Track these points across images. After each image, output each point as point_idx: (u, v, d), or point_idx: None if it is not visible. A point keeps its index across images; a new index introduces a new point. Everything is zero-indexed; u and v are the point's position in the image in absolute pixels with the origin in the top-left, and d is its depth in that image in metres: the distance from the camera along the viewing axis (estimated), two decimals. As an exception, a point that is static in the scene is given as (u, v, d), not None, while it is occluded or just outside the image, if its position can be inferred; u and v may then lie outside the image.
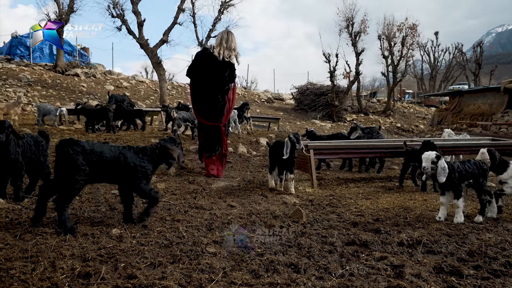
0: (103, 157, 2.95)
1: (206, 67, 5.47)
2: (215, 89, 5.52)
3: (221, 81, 5.50)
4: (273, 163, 4.93)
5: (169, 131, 9.14)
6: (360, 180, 5.81)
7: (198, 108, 5.69)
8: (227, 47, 5.42)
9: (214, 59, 5.41)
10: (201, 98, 5.62)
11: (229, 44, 5.42)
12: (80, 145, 2.92)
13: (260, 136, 9.77)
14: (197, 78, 5.61)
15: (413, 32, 28.07)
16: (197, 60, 5.59)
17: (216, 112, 5.59)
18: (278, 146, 4.87)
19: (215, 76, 5.46)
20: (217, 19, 20.41)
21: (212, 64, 5.43)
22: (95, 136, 7.97)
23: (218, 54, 5.39)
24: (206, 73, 5.48)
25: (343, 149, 5.38)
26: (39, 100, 16.46)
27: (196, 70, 5.57)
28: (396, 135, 22.85)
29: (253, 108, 23.76)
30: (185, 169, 5.79)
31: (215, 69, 5.44)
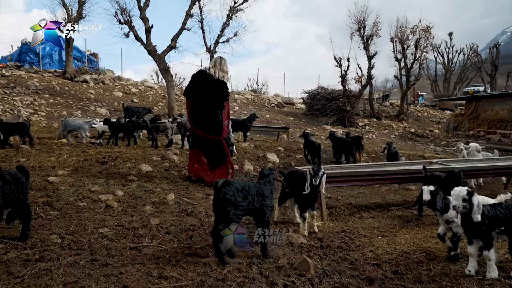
0: (250, 193, 3.35)
1: (203, 86, 6.07)
2: (213, 105, 6.08)
3: (218, 97, 6.09)
4: (286, 196, 4.46)
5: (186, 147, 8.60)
6: (375, 207, 5.34)
7: (198, 123, 6.21)
8: (220, 69, 6.12)
9: (210, 78, 6.06)
10: (201, 114, 6.15)
11: (222, 67, 6.15)
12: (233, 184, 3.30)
13: (268, 150, 9.34)
14: (195, 96, 6.17)
15: (427, 34, 27.34)
16: (194, 81, 6.21)
17: (216, 126, 6.12)
18: (294, 176, 4.39)
19: (213, 93, 6.05)
20: (226, 24, 20.08)
21: (209, 82, 6.05)
22: (95, 153, 7.64)
23: (214, 73, 6.07)
24: (204, 91, 6.06)
25: (357, 176, 4.92)
26: (46, 109, 16.30)
27: (194, 90, 6.16)
28: (410, 141, 22.21)
29: (262, 114, 23.35)
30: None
31: (212, 87, 6.04)
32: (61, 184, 5.37)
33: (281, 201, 4.57)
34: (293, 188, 4.31)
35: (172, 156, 7.51)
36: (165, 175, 6.49)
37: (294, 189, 4.30)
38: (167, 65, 18.73)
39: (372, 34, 25.84)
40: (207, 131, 6.12)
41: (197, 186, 6.01)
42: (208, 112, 6.06)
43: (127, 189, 5.41)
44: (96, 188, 5.24)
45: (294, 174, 4.45)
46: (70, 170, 6.28)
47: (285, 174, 4.64)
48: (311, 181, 3.99)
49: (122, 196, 5.06)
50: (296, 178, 4.33)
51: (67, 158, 7.06)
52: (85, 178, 5.83)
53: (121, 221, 4.08)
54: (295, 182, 4.29)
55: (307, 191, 3.96)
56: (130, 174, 6.34)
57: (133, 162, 6.98)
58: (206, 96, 6.04)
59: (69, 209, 4.40)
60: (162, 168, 6.90)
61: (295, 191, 4.29)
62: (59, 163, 6.64)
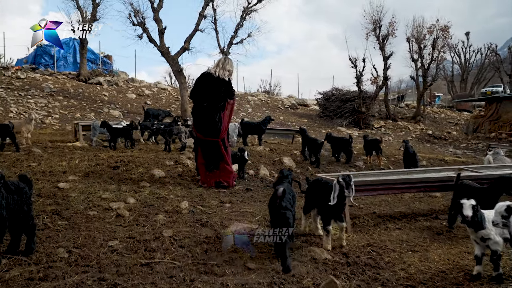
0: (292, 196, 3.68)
1: (203, 86, 6.10)
2: (211, 106, 6.05)
3: (216, 97, 6.05)
4: (311, 205, 4.18)
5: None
6: (400, 217, 5.00)
7: (197, 124, 6.24)
8: (222, 67, 6.07)
9: (210, 76, 6.06)
10: (199, 115, 6.15)
11: (224, 66, 6.09)
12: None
13: (284, 154, 9.04)
14: (197, 97, 6.21)
15: (445, 34, 26.71)
16: (197, 82, 6.31)
17: (212, 127, 6.07)
18: (318, 186, 4.08)
19: (211, 93, 6.04)
20: (239, 25, 19.82)
21: (208, 81, 6.05)
22: (107, 157, 7.46)
23: (214, 72, 6.04)
24: (204, 91, 6.08)
25: (382, 185, 4.58)
26: (59, 111, 16.30)
27: (196, 91, 6.22)
28: (428, 143, 21.64)
29: (276, 115, 23.05)
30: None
31: (211, 86, 6.03)
32: (71, 191, 5.18)
33: (307, 209, 4.24)
34: (317, 198, 4.00)
35: (186, 161, 7.29)
36: (179, 181, 6.26)
37: (318, 199, 3.99)
38: (180, 66, 18.59)
39: (388, 34, 25.35)
40: (204, 132, 6.13)
41: (211, 193, 5.76)
42: (206, 113, 6.05)
43: (139, 196, 5.19)
44: (107, 195, 5.03)
45: (318, 183, 4.15)
46: (81, 175, 6.10)
47: (310, 181, 4.33)
48: (340, 192, 3.66)
49: (133, 204, 4.84)
50: (320, 187, 4.01)
51: (79, 162, 6.89)
52: (96, 184, 5.63)
53: (132, 233, 3.85)
54: (319, 191, 3.98)
55: (333, 203, 3.65)
56: (143, 179, 6.13)
57: (146, 167, 6.77)
58: (206, 97, 6.05)
59: (78, 218, 4.19)
60: (175, 173, 6.67)
61: (319, 202, 3.98)
62: (70, 168, 6.47)
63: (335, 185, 3.67)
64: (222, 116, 6.15)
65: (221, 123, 6.16)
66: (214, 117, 6.05)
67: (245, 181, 6.72)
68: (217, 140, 6.12)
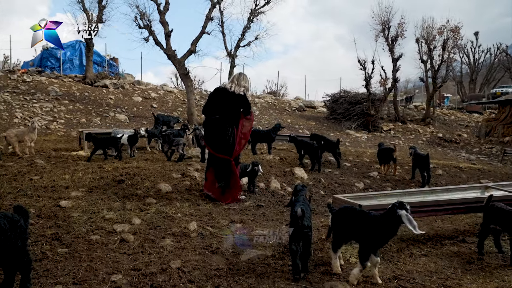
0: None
1: (217, 100, 5.90)
2: (223, 118, 5.84)
3: (229, 110, 5.85)
4: (343, 239, 3.62)
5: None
6: (425, 240, 4.65)
7: (208, 139, 6.07)
8: (237, 84, 5.88)
9: (224, 91, 5.88)
10: (210, 128, 5.98)
11: (239, 82, 5.89)
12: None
13: (295, 164, 8.72)
14: (210, 112, 5.99)
15: (455, 34, 26.21)
16: (211, 97, 6.07)
17: (223, 142, 5.83)
18: (352, 216, 3.52)
19: (225, 106, 5.83)
20: (247, 27, 19.56)
21: (223, 96, 5.86)
22: (112, 169, 7.18)
23: (229, 87, 5.86)
24: (217, 105, 5.88)
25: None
26: (65, 115, 16.10)
27: (209, 106, 5.99)
28: (439, 146, 21.20)
29: (283, 118, 22.75)
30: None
31: (225, 101, 5.84)
32: (74, 210, 4.90)
33: (338, 245, 3.60)
34: (353, 230, 3.49)
35: (193, 173, 6.99)
36: (186, 196, 5.96)
37: (354, 231, 3.49)
38: (186, 69, 18.35)
39: (397, 35, 24.94)
40: (215, 147, 5.90)
41: (221, 211, 5.45)
42: (217, 126, 5.85)
43: (145, 216, 4.89)
44: (111, 216, 4.74)
45: (351, 213, 3.57)
46: (84, 190, 5.82)
47: (334, 210, 3.80)
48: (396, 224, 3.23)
49: (139, 225, 4.55)
50: (355, 218, 3.49)
51: (82, 175, 6.61)
52: (99, 202, 5.35)
53: (137, 263, 3.54)
54: (354, 222, 3.47)
55: (416, 231, 3.12)
56: (149, 195, 5.84)
57: (152, 181, 6.48)
58: (219, 110, 5.86)
59: (80, 244, 3.90)
60: (182, 187, 6.37)
61: (357, 234, 3.47)
62: (73, 182, 6.19)
63: (405, 216, 3.15)
64: (235, 132, 5.88)
65: (234, 139, 5.88)
66: (226, 131, 5.80)
67: (255, 196, 6.41)
68: (229, 159, 5.85)
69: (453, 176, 9.45)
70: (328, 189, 7.29)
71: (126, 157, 8.59)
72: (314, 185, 7.40)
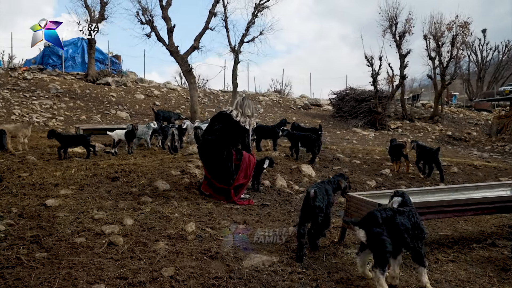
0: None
1: (218, 124, 5.46)
2: (219, 139, 5.38)
3: (229, 136, 5.41)
4: (391, 251, 3.00)
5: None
6: (450, 243, 4.15)
7: (204, 164, 5.60)
8: (242, 113, 5.44)
9: (229, 118, 5.43)
10: (204, 150, 5.52)
11: (244, 111, 5.44)
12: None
13: (301, 161, 8.24)
14: (206, 134, 5.58)
15: (465, 30, 25.55)
16: (213, 120, 5.66)
17: (220, 166, 5.36)
18: (389, 222, 2.91)
19: (224, 130, 5.40)
20: (251, 22, 19.03)
21: (226, 122, 5.43)
22: (107, 166, 6.75)
23: (235, 115, 5.41)
24: (219, 130, 5.41)
25: (432, 208, 3.72)
26: (65, 113, 15.71)
27: (208, 129, 5.59)
28: (449, 145, 20.61)
29: (288, 116, 22.26)
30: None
31: (227, 126, 5.41)
32: (60, 210, 4.45)
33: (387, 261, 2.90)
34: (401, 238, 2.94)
35: (194, 170, 6.53)
36: (185, 195, 5.50)
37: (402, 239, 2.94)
38: (189, 66, 17.90)
39: (405, 31, 24.36)
40: (213, 174, 5.44)
41: (222, 210, 4.99)
42: (212, 148, 5.38)
43: (139, 216, 4.44)
44: (100, 216, 4.29)
45: (379, 220, 2.92)
46: (75, 188, 5.38)
47: (355, 222, 3.01)
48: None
49: (131, 226, 4.09)
50: (388, 223, 2.91)
51: (75, 172, 6.18)
52: (90, 200, 4.91)
53: (125, 270, 3.09)
54: (391, 228, 2.91)
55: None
56: (144, 193, 5.39)
57: (149, 178, 6.03)
58: (216, 131, 5.42)
59: (62, 248, 3.45)
60: (181, 185, 5.92)
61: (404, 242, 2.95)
62: (64, 180, 5.75)
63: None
64: (234, 156, 5.40)
65: (231, 163, 5.36)
66: (221, 153, 5.30)
67: (260, 194, 5.94)
68: (229, 188, 5.39)
69: (469, 174, 8.93)
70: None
71: (123, 153, 8.15)
72: (323, 183, 6.91)
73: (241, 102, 5.51)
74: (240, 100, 5.58)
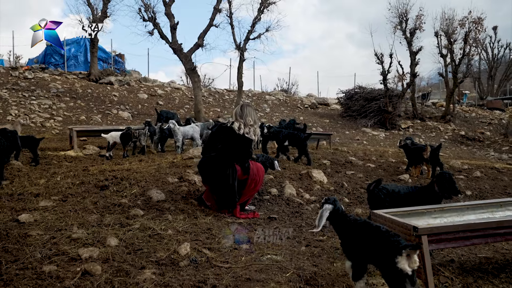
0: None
1: (220, 140, 4.86)
2: (222, 159, 4.76)
3: (236, 153, 4.80)
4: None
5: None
6: (494, 269, 3.47)
7: (206, 182, 5.00)
8: (244, 123, 4.85)
9: (231, 132, 4.81)
10: (205, 169, 4.88)
11: (245, 121, 4.86)
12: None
13: (312, 166, 7.57)
14: (206, 150, 4.99)
15: (478, 26, 24.67)
16: (213, 135, 5.06)
17: (225, 188, 4.73)
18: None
19: (232, 148, 4.78)
20: (257, 19, 18.39)
21: (228, 136, 4.82)
22: (97, 172, 6.16)
23: (238, 128, 4.80)
24: (218, 144, 4.85)
25: (479, 230, 3.03)
26: (64, 113, 15.17)
27: (209, 144, 5.02)
28: (462, 145, 19.83)
29: (295, 116, 21.58)
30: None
31: (232, 142, 4.79)
32: (34, 227, 3.83)
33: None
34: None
35: (193, 177, 5.88)
36: (181, 206, 4.86)
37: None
38: (193, 64, 17.29)
39: (416, 28, 23.57)
40: (219, 197, 4.86)
41: (223, 225, 4.34)
42: (213, 166, 4.77)
43: (125, 234, 3.80)
44: (79, 235, 3.66)
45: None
46: (57, 199, 4.77)
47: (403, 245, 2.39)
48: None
49: (114, 248, 3.46)
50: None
51: (61, 179, 5.57)
52: (72, 214, 4.28)
53: (96, 314, 2.45)
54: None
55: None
56: (135, 205, 4.76)
57: (142, 186, 5.40)
58: (218, 149, 4.81)
59: (25, 281, 2.82)
60: (178, 194, 5.28)
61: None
62: (47, 189, 5.14)
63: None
64: (237, 172, 4.77)
65: (235, 180, 4.73)
66: (224, 171, 4.69)
67: (266, 205, 5.29)
68: (233, 212, 4.80)
69: (494, 179, 8.20)
70: (354, 195, 6.13)
71: (119, 158, 7.54)
72: (337, 190, 6.24)
73: (241, 112, 4.91)
74: (239, 109, 4.97)
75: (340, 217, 2.84)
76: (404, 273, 2.28)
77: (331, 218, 2.86)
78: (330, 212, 2.83)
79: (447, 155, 14.04)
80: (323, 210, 2.84)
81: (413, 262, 2.30)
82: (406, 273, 2.28)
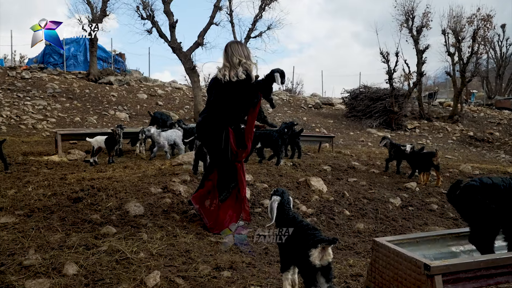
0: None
1: (211, 95, 4.39)
2: (211, 116, 4.34)
3: (222, 105, 4.27)
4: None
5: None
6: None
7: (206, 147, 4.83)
8: (231, 65, 4.14)
9: (217, 83, 4.23)
10: (201, 135, 4.63)
11: (232, 61, 4.13)
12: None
13: (310, 171, 7.03)
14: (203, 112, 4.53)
15: (488, 24, 23.95)
16: (207, 92, 4.79)
17: (218, 152, 4.36)
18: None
19: (220, 102, 4.28)
20: (258, 16, 17.86)
21: (217, 89, 4.26)
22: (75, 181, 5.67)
23: (223, 76, 4.15)
24: (212, 102, 4.36)
25: (504, 267, 2.48)
26: (58, 114, 14.74)
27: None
28: (471, 146, 19.18)
29: (299, 116, 21.06)
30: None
31: (221, 95, 4.24)
32: (-17, 250, 3.33)
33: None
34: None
35: (178, 187, 5.35)
36: (161, 222, 4.34)
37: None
38: (193, 64, 16.79)
39: (423, 26, 22.90)
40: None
41: (204, 246, 3.81)
42: (208, 131, 4.37)
43: (88, 259, 3.28)
44: (33, 261, 3.14)
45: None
46: (22, 214, 4.26)
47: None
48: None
49: (70, 280, 2.94)
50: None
51: (32, 190, 5.08)
52: (32, 233, 3.77)
53: None
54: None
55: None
56: (108, 221, 4.25)
57: (120, 198, 4.88)
58: (213, 107, 4.35)
59: None
60: (159, 207, 4.76)
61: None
62: (13, 201, 4.64)
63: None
64: (229, 139, 4.27)
65: (228, 143, 4.26)
66: (215, 134, 4.24)
67: (257, 219, 4.76)
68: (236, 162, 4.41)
69: (509, 186, 7.59)
70: (355, 207, 5.56)
71: (103, 164, 7.05)
72: (337, 201, 5.68)
73: (225, 54, 4.21)
74: (223, 52, 4.26)
75: (282, 209, 2.86)
76: (316, 266, 2.32)
77: (277, 210, 2.88)
78: (278, 204, 2.87)
79: (455, 158, 13.41)
80: (272, 202, 2.89)
81: (327, 255, 2.35)
82: (318, 267, 2.33)
